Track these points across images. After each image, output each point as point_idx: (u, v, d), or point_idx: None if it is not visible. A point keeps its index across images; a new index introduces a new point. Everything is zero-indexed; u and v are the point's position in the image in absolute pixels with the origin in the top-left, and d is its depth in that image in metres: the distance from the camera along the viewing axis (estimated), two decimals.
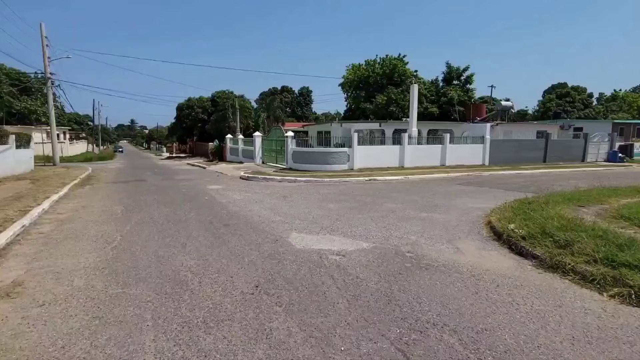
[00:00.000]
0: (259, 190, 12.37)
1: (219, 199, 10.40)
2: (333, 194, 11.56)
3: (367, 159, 19.06)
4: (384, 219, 7.74)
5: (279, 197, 10.88)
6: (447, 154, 21.12)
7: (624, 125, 32.48)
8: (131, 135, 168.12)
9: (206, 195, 11.17)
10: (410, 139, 20.08)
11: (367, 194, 11.48)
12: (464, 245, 5.83)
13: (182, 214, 8.18)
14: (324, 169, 18.28)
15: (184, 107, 42.14)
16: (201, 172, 21.12)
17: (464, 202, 9.99)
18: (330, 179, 15.48)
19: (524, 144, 24.54)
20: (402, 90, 45.44)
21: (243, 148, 27.34)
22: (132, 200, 10.23)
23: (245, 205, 9.43)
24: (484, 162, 22.42)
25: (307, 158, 18.82)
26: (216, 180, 16.18)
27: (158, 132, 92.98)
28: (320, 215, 8.12)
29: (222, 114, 35.23)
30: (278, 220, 7.58)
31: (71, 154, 39.38)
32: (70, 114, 71.40)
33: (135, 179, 16.88)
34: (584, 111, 50.76)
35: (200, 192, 12.08)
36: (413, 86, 20.92)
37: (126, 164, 30.18)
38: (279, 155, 22.81)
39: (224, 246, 5.65)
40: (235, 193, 11.70)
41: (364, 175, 16.74)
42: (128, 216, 8.00)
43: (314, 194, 11.58)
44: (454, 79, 42.41)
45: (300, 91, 79.36)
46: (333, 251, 5.43)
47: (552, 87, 68.48)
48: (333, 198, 10.61)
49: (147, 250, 5.47)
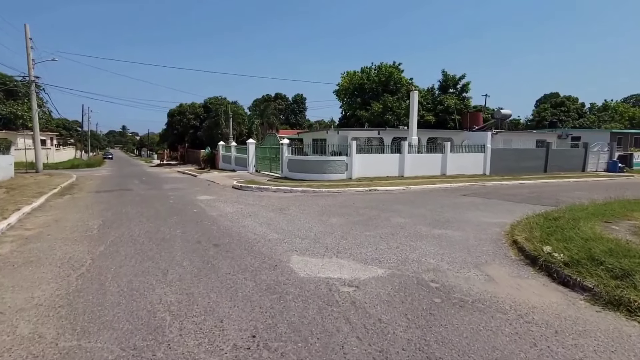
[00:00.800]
0: (253, 202, 11.46)
1: (209, 212, 9.47)
2: (333, 206, 10.70)
3: (366, 168, 18.26)
4: (394, 236, 6.90)
5: (274, 209, 9.99)
6: (448, 163, 20.42)
7: (621, 135, 32.20)
8: (122, 141, 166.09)
9: (195, 207, 10.23)
10: (410, 148, 19.35)
11: (369, 206, 10.64)
12: (495, 272, 4.99)
13: (166, 231, 7.24)
14: (321, 179, 17.43)
15: (175, 113, 41.10)
16: (191, 180, 20.14)
17: (477, 216, 9.20)
18: (328, 189, 14.63)
19: (524, 153, 23.97)
20: (398, 98, 45.01)
21: (236, 155, 26.41)
22: (112, 213, 9.26)
23: (238, 219, 8.52)
24: (485, 172, 21.77)
25: (303, 167, 17.97)
26: (207, 189, 15.24)
27: (149, 139, 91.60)
28: (323, 232, 7.24)
29: (214, 121, 34.26)
30: (276, 238, 6.69)
31: (57, 161, 38.04)
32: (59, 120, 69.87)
33: (120, 188, 15.85)
34: (578, 121, 50.72)
35: (189, 203, 11.14)
36: (413, 93, 20.25)
37: (114, 172, 29.03)
38: (274, 164, 21.92)
39: (213, 274, 4.74)
40: (227, 205, 10.78)
41: (363, 185, 15.92)
42: (105, 233, 7.05)
43: (313, 206, 10.71)
44: (450, 87, 42.05)
45: (294, 98, 78.71)
46: (344, 281, 4.55)
47: (545, 96, 68.81)
48: (334, 211, 9.75)
49: (120, 279, 4.54)
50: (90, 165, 36.60)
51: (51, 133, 51.66)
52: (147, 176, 23.45)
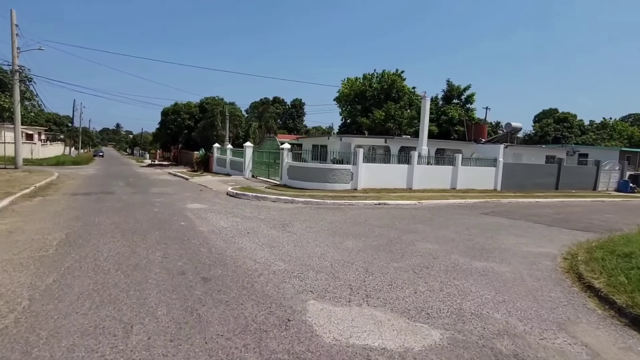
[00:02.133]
0: (251, 213, 9.98)
1: (199, 226, 7.98)
2: (343, 222, 9.27)
3: (372, 178, 16.87)
4: (430, 271, 5.49)
5: (276, 225, 8.53)
6: (459, 177, 19.11)
7: (630, 153, 31.24)
8: (116, 139, 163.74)
9: (183, 219, 8.73)
10: (420, 158, 18.02)
11: (385, 224, 9.22)
12: (592, 339, 3.58)
13: (143, 253, 5.73)
14: (323, 188, 16.00)
15: (169, 112, 39.44)
16: (182, 184, 18.59)
17: (514, 242, 7.83)
18: (333, 200, 13.20)
19: (536, 169, 22.78)
20: (400, 106, 43.99)
21: (231, 159, 24.90)
22: (82, 224, 7.73)
23: (233, 237, 7.04)
24: (496, 187, 20.50)
25: (304, 174, 16.52)
26: (198, 196, 13.72)
27: (142, 138, 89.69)
28: (340, 260, 5.81)
29: (210, 121, 32.71)
30: (282, 269, 5.24)
31: (42, 157, 36.18)
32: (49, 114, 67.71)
33: (102, 190, 14.26)
34: (581, 137, 49.94)
35: (176, 213, 9.63)
36: (425, 100, 18.96)
37: (100, 170, 27.34)
38: (272, 169, 20.46)
39: (197, 335, 3.26)
40: (220, 217, 9.29)
41: (371, 197, 14.51)
42: (63, 253, 5.54)
43: (320, 221, 9.27)
44: (454, 98, 40.97)
45: (292, 103, 77.45)
46: (391, 354, 3.11)
47: (544, 112, 68.24)
48: (346, 230, 8.31)
49: (58, 343, 3.05)
50: (77, 162, 34.79)
51: (39, 127, 49.67)
52: (135, 177, 21.83)
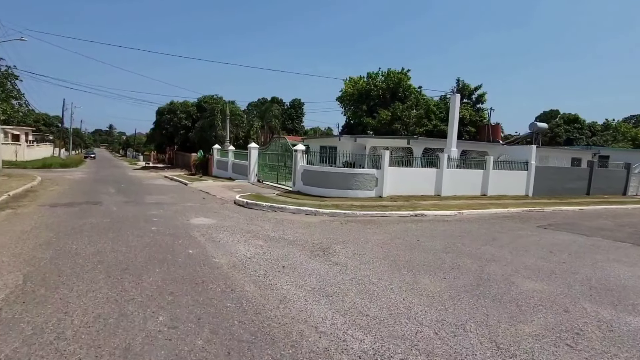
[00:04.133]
0: (273, 232, 7.92)
1: (214, 256, 5.91)
2: (393, 244, 7.26)
3: (398, 184, 14.88)
4: (586, 341, 3.48)
5: (314, 251, 6.49)
6: (490, 182, 17.19)
7: None
8: (109, 141, 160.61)
9: (190, 243, 6.65)
10: (449, 161, 16.06)
11: (445, 246, 7.22)
12: None
13: (137, 320, 3.63)
14: (345, 195, 13.98)
15: (165, 112, 37.13)
16: (181, 190, 16.45)
17: (624, 272, 5.87)
18: (362, 211, 11.18)
19: (568, 172, 20.99)
20: (407, 106, 42.25)
21: (234, 162, 22.77)
22: (53, 255, 5.63)
23: (267, 277, 4.99)
24: (528, 193, 18.62)
25: (322, 180, 14.48)
26: (202, 206, 11.62)
27: (135, 139, 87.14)
28: (439, 321, 3.79)
29: (209, 121, 30.53)
30: (367, 349, 3.19)
31: (28, 159, 33.74)
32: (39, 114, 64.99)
33: (88, 199, 12.09)
34: (591, 139, 48.42)
35: (179, 232, 7.54)
36: (454, 96, 16.98)
37: (90, 174, 25.07)
38: (281, 173, 18.41)
39: None
40: (237, 238, 7.22)
41: (403, 207, 12.52)
42: (7, 324, 3.45)
43: (364, 243, 7.25)
44: (465, 97, 39.21)
45: (291, 103, 75.23)
46: None
47: (545, 113, 66.71)
48: (406, 257, 6.29)
49: None
50: (65, 165, 32.40)
51: (27, 127, 46.98)
52: (127, 182, 19.64)
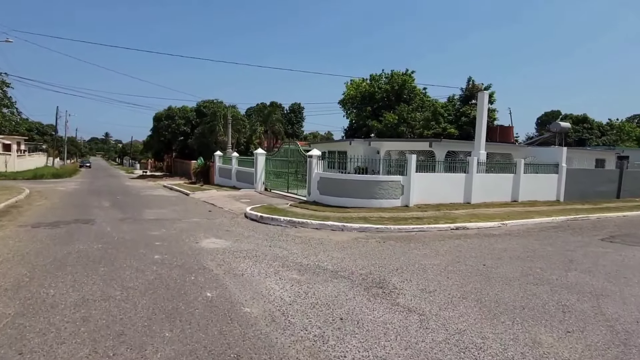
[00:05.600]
0: (304, 257, 6.38)
1: (242, 303, 4.37)
2: (461, 273, 5.74)
3: (426, 191, 13.38)
4: None
5: (369, 287, 4.96)
6: (521, 187, 15.73)
7: None
8: (105, 149, 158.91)
9: (206, 283, 5.09)
10: (479, 166, 14.60)
11: (523, 272, 5.71)
12: None
13: None
14: (368, 205, 12.47)
15: (162, 117, 35.57)
16: (183, 202, 14.89)
17: None
18: (395, 225, 9.67)
19: (598, 175, 19.59)
20: (413, 108, 41.02)
21: (238, 169, 21.23)
22: (15, 312, 4.07)
23: (325, 338, 3.46)
24: (559, 197, 17.17)
25: (342, 188, 12.96)
26: (210, 222, 10.07)
27: (132, 147, 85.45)
28: None
29: (209, 126, 29.00)
30: None
31: (19, 169, 32.09)
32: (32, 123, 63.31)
33: (78, 217, 10.49)
34: (601, 139, 47.24)
35: (189, 263, 5.99)
36: (482, 94, 15.51)
37: (84, 185, 23.46)
38: (292, 182, 16.89)
39: None
40: (264, 269, 5.67)
41: (436, 217, 11.02)
42: None
43: (422, 271, 5.73)
44: (474, 98, 37.89)
45: (291, 107, 73.92)
46: None
47: (546, 114, 65.57)
48: (491, 294, 4.78)
49: None
50: (58, 175, 30.73)
51: (19, 137, 45.31)
52: (124, 193, 18.06)
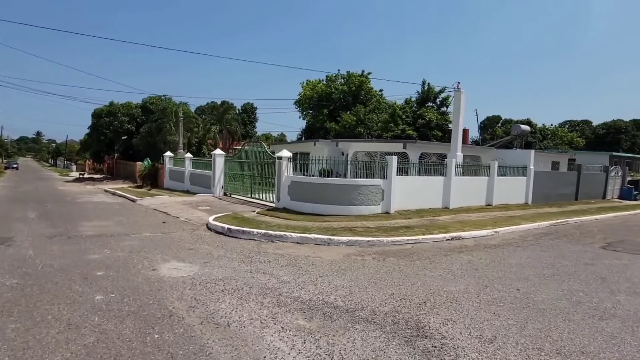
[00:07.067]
0: (300, 287, 4.95)
1: None
2: (501, 302, 4.65)
3: (406, 196, 12.43)
4: None
5: (406, 336, 3.66)
6: (495, 190, 15.37)
7: (617, 158, 30.15)
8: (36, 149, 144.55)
9: (178, 344, 3.51)
10: (457, 168, 13.95)
11: (563, 297, 4.74)
12: None
13: None
14: (346, 213, 11.23)
15: (103, 114, 31.95)
16: (130, 210, 12.75)
17: None
18: (386, 237, 8.52)
19: (559, 177, 20.09)
20: (370, 110, 40.83)
21: (193, 172, 19.14)
22: None
23: None
24: (527, 200, 17.13)
25: (316, 194, 11.61)
26: (167, 237, 8.27)
27: (67, 146, 78.00)
28: None
29: (157, 124, 26.33)
30: None
31: None
32: None
33: None
34: (542, 142, 50.02)
35: (148, 308, 4.32)
36: (459, 94, 14.89)
37: (5, 190, 20.04)
38: (257, 186, 15.28)
39: None
40: (254, 312, 4.18)
41: (423, 226, 10.04)
42: None
43: (451, 302, 4.56)
44: (429, 101, 38.31)
45: (243, 107, 71.20)
46: None
47: (488, 119, 69.03)
48: (561, 338, 3.68)
49: None
50: None
51: None
52: (56, 201, 15.36)
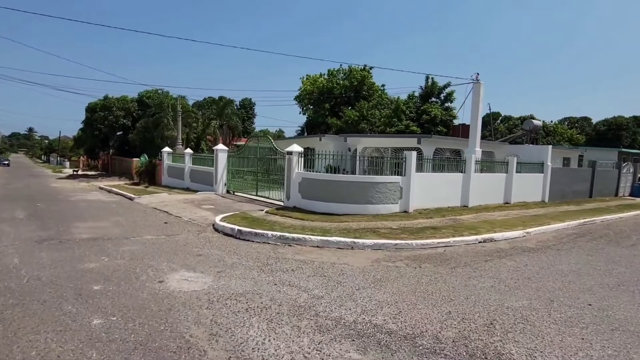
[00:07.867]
0: (336, 303, 4.10)
1: None
2: (581, 323, 3.83)
3: (426, 194, 11.62)
4: None
5: None
6: (513, 187, 14.62)
7: (625, 154, 29.56)
8: (28, 145, 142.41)
9: None
10: (476, 165, 13.17)
11: None
12: None
13: None
14: (363, 212, 10.40)
15: (97, 108, 30.87)
16: (128, 209, 11.83)
17: None
18: (415, 239, 7.70)
19: (574, 174, 19.35)
20: (372, 105, 40.07)
21: (193, 168, 18.22)
22: None
23: None
24: (544, 198, 16.40)
25: (330, 191, 10.77)
26: (171, 240, 7.40)
27: (60, 143, 76.56)
28: None
29: (154, 119, 25.33)
30: None
31: None
32: None
33: None
34: (546, 139, 49.55)
35: (155, 332, 3.46)
36: (478, 85, 14.04)
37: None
38: (263, 183, 14.41)
39: None
40: (294, 342, 3.33)
41: (457, 228, 9.22)
42: None
43: (530, 326, 3.72)
44: (433, 96, 37.53)
45: (241, 102, 70.01)
46: None
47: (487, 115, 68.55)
48: None
49: None
50: None
51: None
52: (48, 199, 14.40)
